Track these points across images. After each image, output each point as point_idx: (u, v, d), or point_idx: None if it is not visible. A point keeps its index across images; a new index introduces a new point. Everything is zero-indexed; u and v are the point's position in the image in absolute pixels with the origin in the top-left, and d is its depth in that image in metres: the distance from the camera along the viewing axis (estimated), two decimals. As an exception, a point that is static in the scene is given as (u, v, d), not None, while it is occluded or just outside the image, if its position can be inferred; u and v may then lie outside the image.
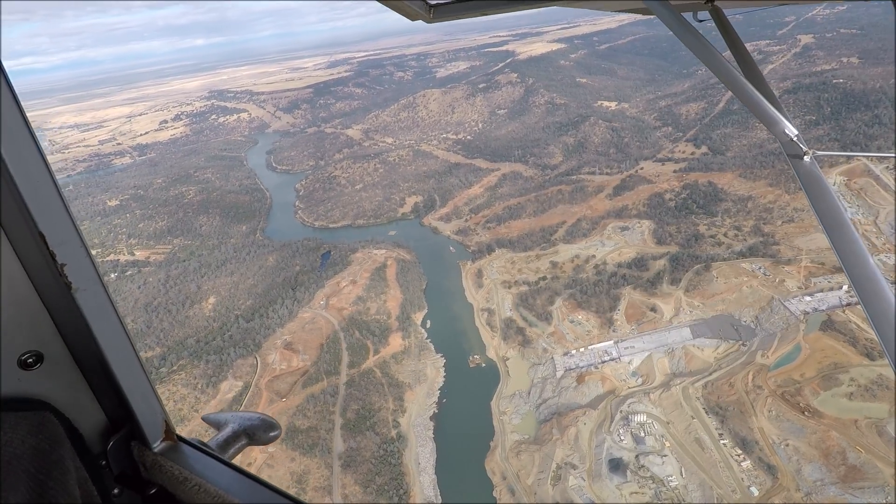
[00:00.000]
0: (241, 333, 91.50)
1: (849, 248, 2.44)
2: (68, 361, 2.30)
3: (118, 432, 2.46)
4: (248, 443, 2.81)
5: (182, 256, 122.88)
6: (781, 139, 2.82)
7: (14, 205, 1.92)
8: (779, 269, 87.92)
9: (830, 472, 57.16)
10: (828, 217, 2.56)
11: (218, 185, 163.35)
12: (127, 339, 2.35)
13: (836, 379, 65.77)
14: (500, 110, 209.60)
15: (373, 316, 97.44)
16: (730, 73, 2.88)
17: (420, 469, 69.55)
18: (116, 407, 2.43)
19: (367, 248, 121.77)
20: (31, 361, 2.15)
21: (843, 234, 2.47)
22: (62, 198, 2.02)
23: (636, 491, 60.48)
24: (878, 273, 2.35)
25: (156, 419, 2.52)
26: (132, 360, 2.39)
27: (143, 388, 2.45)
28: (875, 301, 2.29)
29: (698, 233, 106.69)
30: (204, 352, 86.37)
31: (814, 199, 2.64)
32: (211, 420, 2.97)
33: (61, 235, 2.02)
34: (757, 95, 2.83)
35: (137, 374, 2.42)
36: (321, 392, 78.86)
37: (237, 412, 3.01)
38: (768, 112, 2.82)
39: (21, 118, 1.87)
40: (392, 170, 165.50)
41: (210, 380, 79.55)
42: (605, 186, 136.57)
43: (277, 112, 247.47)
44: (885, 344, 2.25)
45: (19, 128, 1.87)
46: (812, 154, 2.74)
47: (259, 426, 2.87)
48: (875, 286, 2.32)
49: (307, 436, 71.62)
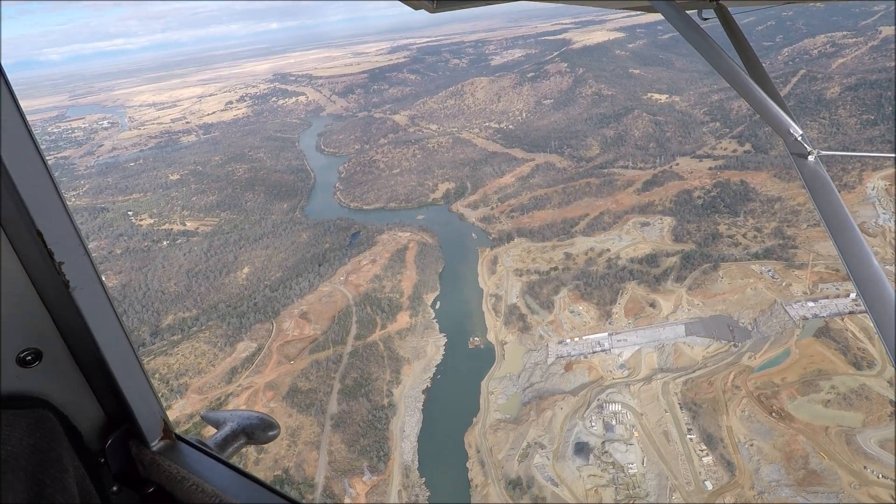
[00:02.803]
0: (265, 301, 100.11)
1: (853, 249, 2.42)
2: (67, 359, 2.32)
3: (116, 430, 2.49)
4: (246, 442, 2.84)
5: (226, 229, 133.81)
6: (786, 139, 2.80)
7: (12, 203, 1.92)
8: (789, 273, 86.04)
9: (788, 475, 57.55)
10: (832, 217, 2.53)
11: (268, 165, 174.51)
12: (125, 338, 2.39)
13: (817, 385, 65.13)
14: (546, 100, 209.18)
15: (386, 294, 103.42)
16: (735, 73, 2.88)
17: (404, 436, 75.09)
18: (115, 405, 2.45)
19: (394, 230, 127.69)
20: (29, 359, 2.16)
21: (847, 235, 2.46)
22: (60, 196, 2.04)
23: (594, 474, 63.19)
24: (882, 274, 2.33)
25: (154, 418, 2.55)
26: (130, 359, 2.42)
27: (141, 386, 2.47)
28: (878, 301, 2.27)
29: (717, 232, 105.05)
30: (229, 315, 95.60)
31: (818, 199, 2.63)
32: (210, 419, 2.99)
33: (59, 233, 2.04)
34: (762, 94, 2.83)
35: (136, 372, 2.44)
36: (325, 359, 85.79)
37: (236, 411, 3.02)
38: (773, 111, 2.82)
39: (19, 116, 1.88)
40: (429, 156, 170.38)
41: (229, 339, 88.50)
42: (635, 181, 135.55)
43: (333, 96, 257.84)
44: (887, 344, 2.20)
45: (17, 126, 1.88)
46: (816, 154, 2.73)
47: (258, 425, 2.90)
48: (878, 287, 2.30)
49: (306, 396, 78.81)
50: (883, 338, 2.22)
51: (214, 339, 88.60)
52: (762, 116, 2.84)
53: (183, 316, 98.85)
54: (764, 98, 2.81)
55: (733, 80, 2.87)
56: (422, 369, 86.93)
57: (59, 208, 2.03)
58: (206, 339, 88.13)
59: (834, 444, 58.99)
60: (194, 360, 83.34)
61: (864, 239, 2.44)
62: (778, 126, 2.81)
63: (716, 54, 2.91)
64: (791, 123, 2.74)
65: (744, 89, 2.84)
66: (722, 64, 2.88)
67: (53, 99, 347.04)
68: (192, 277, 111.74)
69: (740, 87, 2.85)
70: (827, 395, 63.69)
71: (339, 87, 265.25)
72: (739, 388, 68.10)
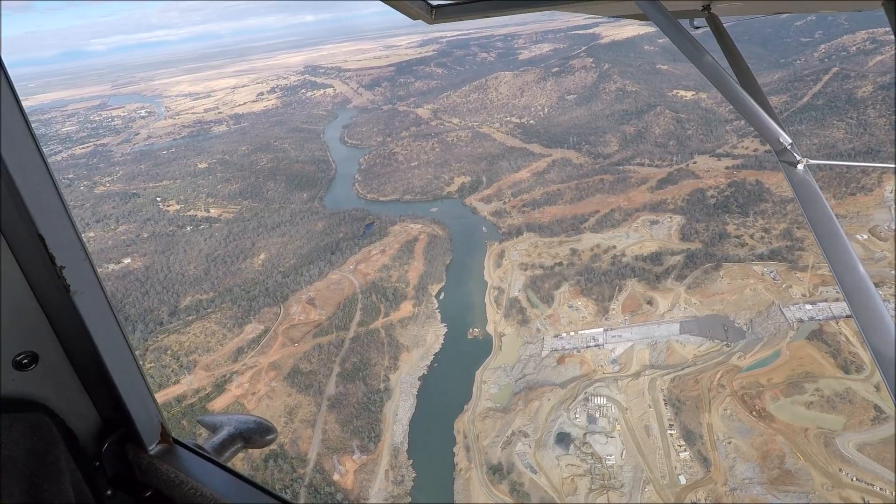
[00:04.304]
0: (276, 286, 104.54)
1: (840, 257, 2.46)
2: (64, 363, 2.31)
3: (113, 434, 2.48)
4: (243, 446, 2.84)
5: (247, 216, 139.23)
6: (775, 147, 2.81)
7: (13, 207, 1.91)
8: (790, 276, 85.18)
9: (762, 473, 58.04)
10: (820, 225, 2.56)
11: (291, 155, 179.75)
12: (125, 342, 2.39)
13: (802, 387, 65.02)
14: (569, 95, 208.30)
15: (392, 283, 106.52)
16: (725, 80, 2.88)
17: (396, 419, 78.14)
18: (112, 409, 2.44)
19: (406, 222, 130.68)
20: (26, 362, 2.15)
21: (834, 243, 2.49)
22: (62, 200, 2.02)
23: (573, 464, 64.84)
24: (869, 282, 2.37)
25: (151, 422, 2.55)
26: (129, 363, 2.42)
27: (139, 390, 2.47)
28: (864, 308, 2.30)
29: (725, 232, 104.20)
30: (241, 298, 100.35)
31: (806, 208, 2.65)
32: (206, 422, 3.00)
33: (61, 238, 2.04)
34: (752, 103, 2.82)
35: (134, 376, 2.44)
36: (328, 343, 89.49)
37: (233, 414, 3.04)
38: (763, 120, 2.81)
39: (21, 118, 1.87)
40: (448, 150, 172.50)
41: (238, 321, 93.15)
42: (649, 179, 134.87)
43: (360, 89, 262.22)
44: (873, 351, 2.23)
45: (20, 128, 1.86)
46: (806, 163, 2.73)
47: (255, 429, 2.90)
48: (865, 295, 2.34)
49: (306, 377, 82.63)
50: (868, 342, 2.26)
51: (224, 320, 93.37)
52: (752, 124, 2.88)
53: (200, 298, 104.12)
54: (753, 106, 2.84)
55: (723, 87, 2.90)
56: (420, 357, 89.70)
57: (62, 212, 2.04)
58: (216, 320, 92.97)
59: (812, 446, 59.09)
60: (204, 339, 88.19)
61: (851, 247, 2.52)
62: (767, 134, 2.85)
63: (706, 62, 2.92)
64: (780, 132, 2.80)
65: (734, 97, 2.87)
66: (712, 72, 2.91)
67: (97, 88, 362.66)
68: (211, 262, 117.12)
69: (730, 94, 2.88)
70: (811, 397, 63.56)
71: (367, 80, 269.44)
72: (724, 388, 68.49)
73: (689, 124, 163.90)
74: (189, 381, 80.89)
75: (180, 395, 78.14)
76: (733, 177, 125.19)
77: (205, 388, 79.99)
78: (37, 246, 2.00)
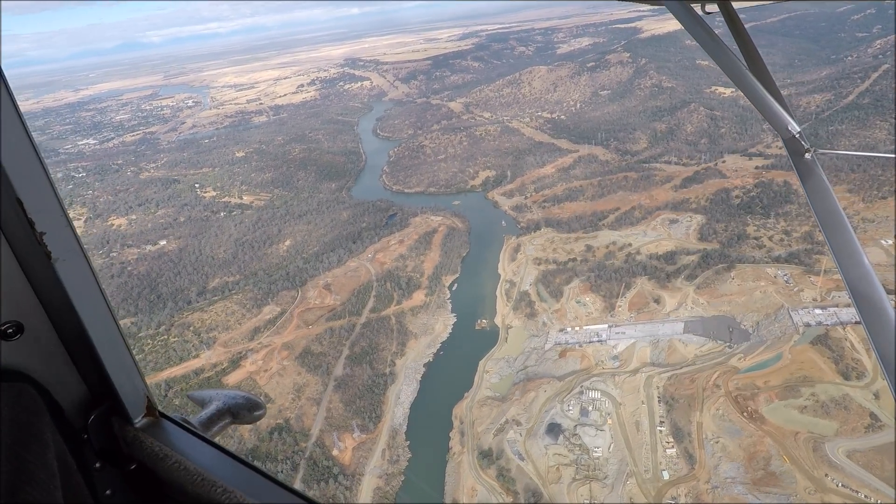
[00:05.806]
0: (296, 271, 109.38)
1: (845, 247, 2.45)
2: (49, 333, 2.27)
3: (99, 407, 2.44)
4: (231, 421, 2.82)
5: (277, 204, 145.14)
6: (784, 136, 2.79)
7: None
8: (804, 279, 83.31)
9: (746, 474, 57.95)
10: (825, 215, 2.54)
11: (324, 146, 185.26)
12: (109, 313, 2.35)
13: (798, 391, 64.16)
14: (603, 91, 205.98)
15: (407, 272, 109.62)
16: (736, 67, 2.85)
17: (398, 402, 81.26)
18: (98, 381, 2.41)
19: (427, 213, 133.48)
20: (10, 332, 2.11)
21: (839, 233, 2.48)
22: (43, 164, 1.98)
23: (560, 453, 66.22)
24: (872, 271, 2.37)
25: (137, 395, 2.52)
26: (114, 335, 2.38)
27: (125, 362, 2.45)
28: (867, 297, 2.30)
29: (744, 233, 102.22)
30: (263, 282, 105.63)
31: (812, 197, 2.61)
32: (195, 397, 2.98)
33: (40, 203, 1.99)
34: (762, 91, 2.80)
35: (119, 348, 2.41)
36: (340, 327, 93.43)
37: (222, 390, 3.01)
38: (772, 108, 2.79)
39: (2, 84, 1.86)
40: (475, 144, 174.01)
41: (257, 302, 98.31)
42: (674, 177, 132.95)
43: (396, 82, 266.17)
44: (874, 341, 2.22)
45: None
46: (814, 152, 2.69)
47: (243, 405, 2.88)
48: (868, 284, 2.33)
49: (316, 358, 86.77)
50: (869, 333, 2.30)
51: (245, 301, 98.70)
52: (761, 112, 2.88)
53: (227, 280, 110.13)
54: (764, 94, 2.82)
55: (734, 74, 2.89)
56: (427, 345, 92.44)
57: (41, 176, 2.00)
58: (237, 301, 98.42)
59: (799, 450, 58.48)
60: (224, 318, 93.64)
61: (856, 238, 2.54)
62: (776, 123, 2.84)
63: (718, 49, 2.88)
64: (789, 120, 2.78)
65: (744, 84, 2.85)
66: (724, 58, 2.87)
67: (150, 78, 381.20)
68: (240, 246, 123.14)
69: (740, 82, 2.86)
70: (805, 401, 62.63)
71: (403, 73, 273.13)
72: (719, 388, 68.20)
73: (723, 122, 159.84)
74: (208, 355, 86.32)
75: (198, 368, 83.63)
76: (761, 177, 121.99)
77: (221, 363, 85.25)
78: (15, 210, 1.97)
